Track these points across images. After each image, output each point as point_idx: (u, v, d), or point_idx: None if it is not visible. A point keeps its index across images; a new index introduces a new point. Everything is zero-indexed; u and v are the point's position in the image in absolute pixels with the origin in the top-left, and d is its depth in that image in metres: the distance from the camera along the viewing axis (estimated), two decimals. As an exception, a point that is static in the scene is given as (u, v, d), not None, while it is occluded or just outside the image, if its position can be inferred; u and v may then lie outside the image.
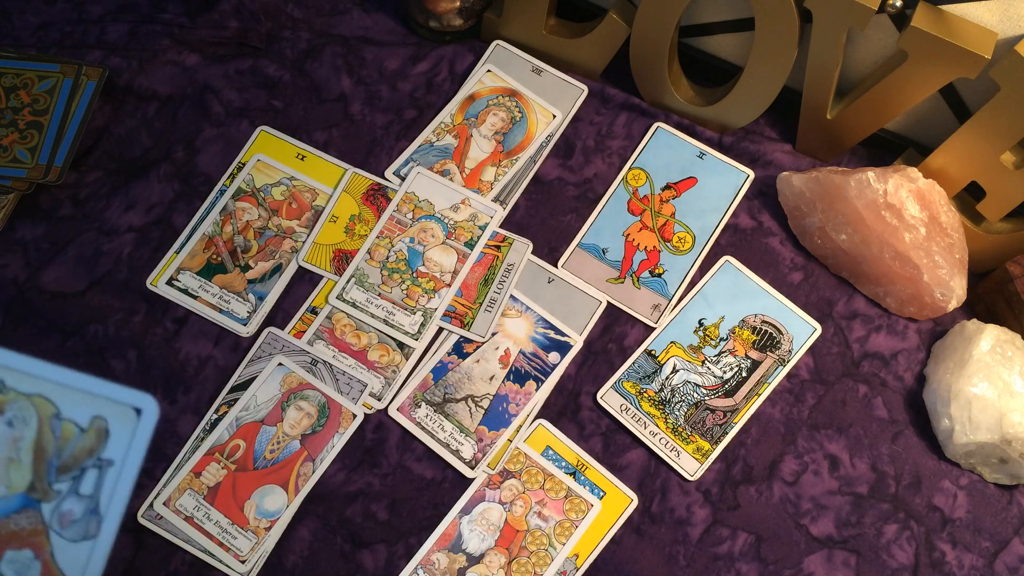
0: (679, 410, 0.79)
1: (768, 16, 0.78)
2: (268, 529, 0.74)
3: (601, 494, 0.76)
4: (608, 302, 0.83)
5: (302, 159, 0.87)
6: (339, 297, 0.81)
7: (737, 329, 0.82)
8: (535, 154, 0.89)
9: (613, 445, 0.79)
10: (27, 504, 0.29)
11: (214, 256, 0.83)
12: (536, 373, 0.80)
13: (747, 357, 0.81)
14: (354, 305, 0.81)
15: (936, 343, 0.83)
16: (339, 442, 0.77)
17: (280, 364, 0.79)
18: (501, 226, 0.86)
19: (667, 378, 0.81)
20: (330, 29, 0.94)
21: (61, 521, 0.29)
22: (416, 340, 0.80)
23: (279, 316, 0.82)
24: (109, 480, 0.29)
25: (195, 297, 0.81)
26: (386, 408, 0.79)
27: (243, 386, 0.78)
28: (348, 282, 0.82)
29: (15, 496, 0.29)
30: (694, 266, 0.85)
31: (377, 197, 0.86)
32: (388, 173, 0.87)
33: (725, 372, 0.81)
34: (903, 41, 0.74)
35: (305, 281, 0.83)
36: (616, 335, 0.82)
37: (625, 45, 0.88)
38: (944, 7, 0.74)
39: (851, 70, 0.85)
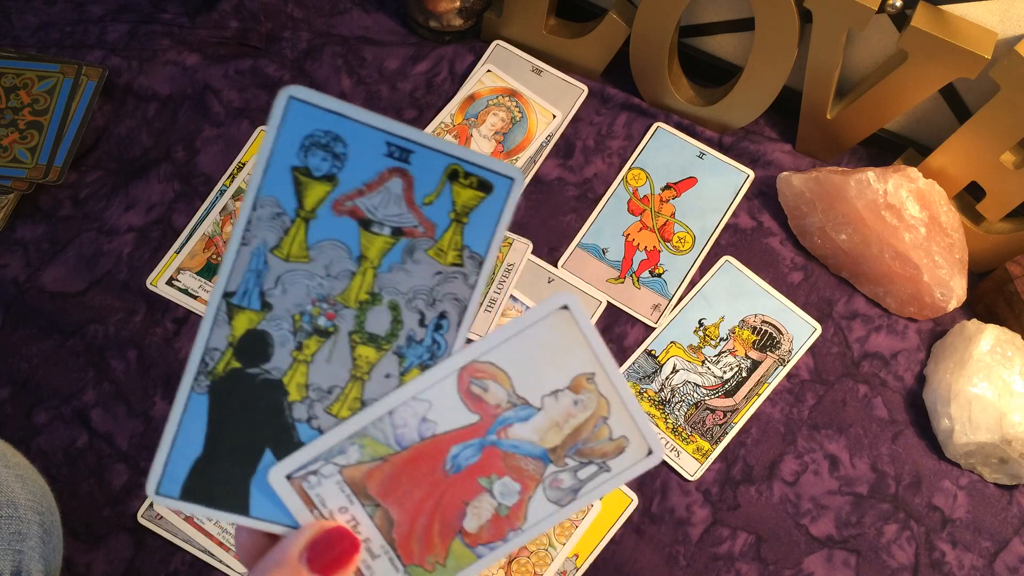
0: (679, 410, 0.79)
1: (768, 16, 0.78)
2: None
3: (602, 494, 0.76)
4: (608, 302, 0.83)
5: (302, 159, 0.87)
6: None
7: (737, 329, 0.82)
8: (535, 154, 0.89)
9: (613, 445, 0.79)
10: (543, 457, 0.35)
11: (214, 256, 0.83)
12: (536, 373, 0.80)
13: (747, 357, 0.81)
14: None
15: (936, 343, 0.83)
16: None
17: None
18: (501, 226, 0.86)
19: (667, 378, 0.81)
20: (330, 29, 0.94)
21: (551, 483, 0.35)
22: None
23: (279, 316, 0.82)
24: (599, 482, 0.36)
25: (195, 297, 0.81)
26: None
27: (243, 386, 0.78)
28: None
29: (540, 448, 0.35)
30: (694, 266, 0.85)
31: (377, 197, 0.86)
32: (388, 173, 0.87)
33: (725, 372, 0.81)
34: (903, 41, 0.74)
35: (305, 281, 0.83)
36: (616, 335, 0.82)
37: (625, 45, 0.88)
38: (944, 7, 0.74)
39: (851, 70, 0.85)
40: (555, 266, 0.84)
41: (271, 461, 0.34)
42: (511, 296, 0.82)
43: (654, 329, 0.82)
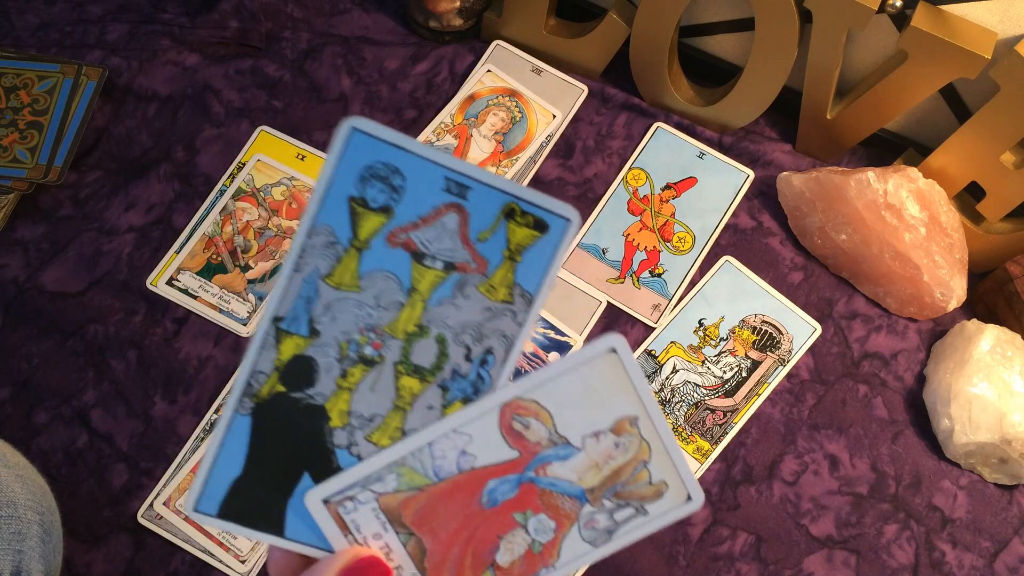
0: (679, 410, 0.79)
1: (768, 16, 0.78)
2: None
3: (602, 494, 0.76)
4: (608, 302, 0.83)
5: (302, 159, 0.87)
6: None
7: (737, 329, 0.82)
8: (535, 154, 0.89)
9: (613, 445, 0.79)
10: (580, 496, 0.35)
11: (214, 256, 0.83)
12: (536, 373, 0.80)
13: (747, 357, 0.81)
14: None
15: (936, 343, 0.83)
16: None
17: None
18: (501, 226, 0.86)
19: (667, 378, 0.81)
20: (330, 29, 0.94)
21: (587, 523, 0.35)
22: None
23: (279, 316, 0.82)
24: (636, 525, 0.36)
25: (195, 297, 0.81)
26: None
27: (243, 386, 0.78)
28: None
29: (578, 488, 0.35)
30: (694, 266, 0.85)
31: (377, 197, 0.86)
32: (388, 173, 0.87)
33: (725, 372, 0.81)
34: (903, 41, 0.74)
35: (305, 281, 0.83)
36: (616, 335, 0.82)
37: (625, 45, 0.88)
38: (944, 7, 0.74)
39: (851, 70, 0.85)
40: (555, 266, 0.84)
41: (309, 484, 0.34)
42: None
43: (654, 329, 0.82)
